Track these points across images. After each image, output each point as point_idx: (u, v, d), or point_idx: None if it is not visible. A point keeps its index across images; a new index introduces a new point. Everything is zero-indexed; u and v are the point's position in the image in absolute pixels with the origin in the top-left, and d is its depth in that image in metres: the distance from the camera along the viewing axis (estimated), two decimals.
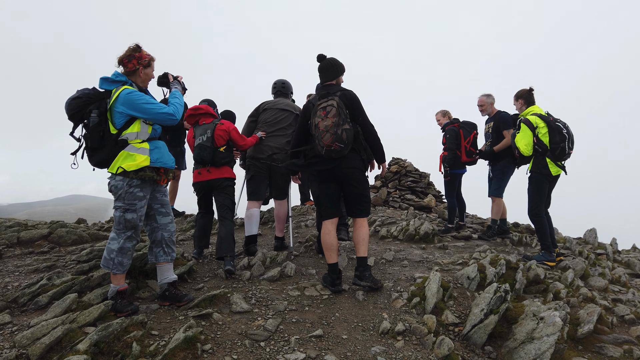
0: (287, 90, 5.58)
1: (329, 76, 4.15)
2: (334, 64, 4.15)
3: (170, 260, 3.51)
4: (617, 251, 7.61)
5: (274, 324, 3.26)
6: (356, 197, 4.06)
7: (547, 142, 5.08)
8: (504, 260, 4.41)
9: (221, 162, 4.68)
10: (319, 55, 4.18)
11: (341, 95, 3.96)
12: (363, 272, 4.10)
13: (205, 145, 4.60)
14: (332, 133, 3.76)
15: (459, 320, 3.52)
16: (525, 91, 5.46)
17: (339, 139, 3.77)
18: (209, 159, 4.63)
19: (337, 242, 4.11)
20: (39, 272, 4.04)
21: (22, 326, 2.97)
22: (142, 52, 3.35)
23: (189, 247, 5.51)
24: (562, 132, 5.05)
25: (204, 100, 5.62)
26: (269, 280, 4.25)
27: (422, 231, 6.35)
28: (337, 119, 3.79)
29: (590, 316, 3.67)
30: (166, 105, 3.36)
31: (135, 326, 2.93)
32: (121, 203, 3.23)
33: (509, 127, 6.15)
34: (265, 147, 5.16)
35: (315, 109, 3.98)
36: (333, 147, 3.78)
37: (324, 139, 3.79)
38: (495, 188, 6.40)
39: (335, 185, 4.11)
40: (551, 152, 5.09)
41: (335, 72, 4.15)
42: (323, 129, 3.80)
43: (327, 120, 3.80)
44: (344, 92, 4.02)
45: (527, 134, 5.14)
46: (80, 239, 5.37)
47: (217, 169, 4.70)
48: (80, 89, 3.24)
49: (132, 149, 3.22)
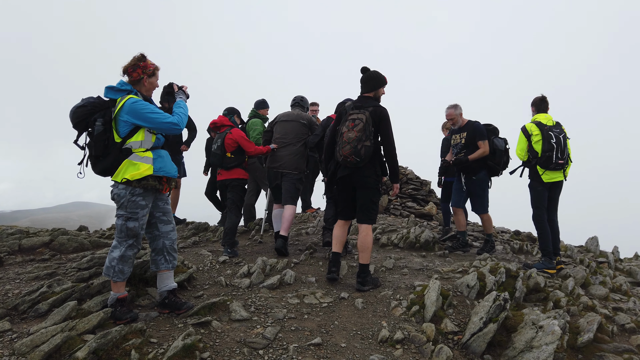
0: (304, 104, 6.16)
1: (368, 88, 4.39)
2: (374, 76, 4.39)
3: (172, 268, 3.53)
4: (618, 259, 7.58)
5: (273, 332, 3.26)
6: (365, 203, 4.31)
7: (539, 150, 5.28)
8: (504, 268, 4.40)
9: (228, 166, 5.50)
10: (363, 67, 4.44)
11: (372, 111, 4.18)
12: (365, 278, 4.33)
13: (216, 152, 5.51)
14: (352, 146, 4.06)
15: (458, 328, 3.51)
16: (538, 99, 5.57)
17: (357, 154, 4.05)
18: (219, 163, 5.55)
19: (345, 236, 4.52)
20: (39, 280, 4.05)
21: (21, 333, 2.97)
22: (146, 62, 3.40)
23: (189, 254, 5.53)
24: (550, 141, 5.21)
25: (226, 109, 6.05)
26: (269, 288, 4.26)
27: (422, 239, 6.34)
28: (361, 134, 4.05)
29: (591, 325, 3.66)
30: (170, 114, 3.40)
31: (134, 334, 2.94)
32: (123, 211, 3.25)
33: (484, 138, 5.94)
34: (278, 157, 5.72)
35: (346, 117, 4.25)
36: (349, 159, 4.09)
37: (344, 149, 4.10)
38: (480, 204, 6.13)
39: (350, 192, 4.42)
40: (540, 159, 5.28)
41: (374, 84, 4.37)
42: (346, 139, 4.11)
43: (352, 132, 4.09)
44: (376, 108, 4.23)
45: (522, 140, 5.41)
46: (81, 247, 5.39)
47: (227, 171, 5.57)
48: (85, 97, 3.28)
49: (135, 157, 3.25)
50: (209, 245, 6.37)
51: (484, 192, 6.07)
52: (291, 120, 5.82)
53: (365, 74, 4.42)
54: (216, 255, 5.45)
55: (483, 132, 5.98)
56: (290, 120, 5.81)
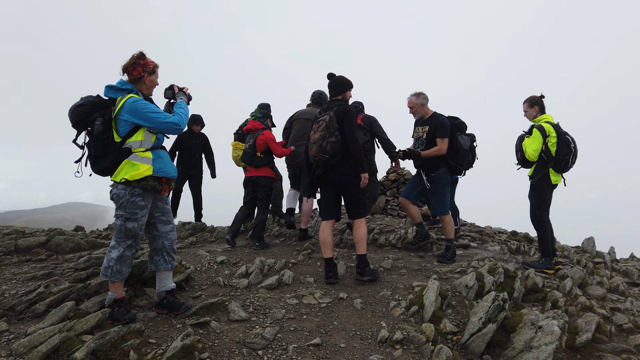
0: (322, 100, 6.56)
1: (335, 92, 4.62)
2: (340, 80, 4.59)
3: (171, 268, 3.51)
4: (615, 260, 7.62)
5: (272, 332, 3.25)
6: (351, 200, 4.54)
7: (553, 152, 5.14)
8: (502, 268, 4.41)
9: (258, 164, 6.04)
10: (329, 74, 4.63)
11: (336, 110, 4.39)
12: (364, 269, 4.54)
13: (247, 151, 5.98)
14: (317, 145, 4.28)
15: (457, 328, 3.52)
16: (539, 98, 5.41)
17: (323, 151, 4.25)
18: (249, 162, 6.03)
19: (332, 239, 4.57)
20: (36, 280, 4.02)
21: (19, 334, 2.95)
22: (146, 60, 3.38)
23: (187, 255, 5.51)
24: (570, 145, 5.14)
25: (260, 104, 6.72)
26: (267, 288, 4.25)
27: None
28: (324, 133, 4.26)
29: (589, 325, 3.67)
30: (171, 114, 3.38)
31: (132, 334, 2.92)
32: (122, 212, 3.22)
33: (444, 136, 5.31)
34: (297, 154, 6.22)
35: (314, 121, 4.49)
36: (317, 158, 4.30)
37: (311, 150, 4.34)
38: (439, 204, 5.49)
39: (333, 191, 4.61)
40: (556, 162, 5.16)
41: (340, 88, 4.60)
42: (312, 141, 4.34)
43: (317, 133, 4.32)
44: (340, 106, 4.43)
45: (538, 140, 5.14)
46: (78, 247, 5.35)
47: (256, 170, 6.10)
48: (84, 96, 3.25)
49: (135, 157, 3.22)
50: (206, 246, 6.36)
51: (443, 190, 5.42)
52: (309, 118, 6.18)
53: (332, 79, 4.62)
54: (214, 256, 5.44)
55: (444, 129, 5.33)
56: (309, 119, 6.20)
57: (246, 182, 6.31)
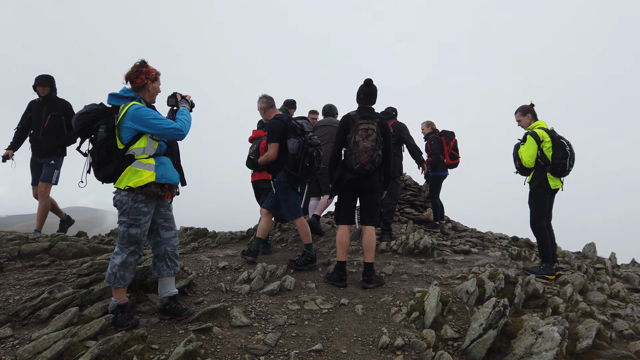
0: (333, 112, 7.40)
1: (371, 101, 4.71)
2: (376, 91, 4.73)
3: (174, 274, 3.54)
4: (616, 265, 7.62)
5: (274, 338, 3.28)
6: (371, 206, 4.66)
7: (549, 157, 5.23)
8: (503, 274, 4.43)
9: (260, 168, 5.97)
10: (368, 79, 4.66)
11: (379, 122, 4.54)
12: (370, 277, 4.63)
13: (250, 157, 5.98)
14: (369, 155, 4.32)
15: (458, 334, 3.53)
16: (530, 106, 5.56)
17: (373, 162, 4.35)
18: (251, 165, 6.12)
19: (349, 242, 4.74)
20: (40, 286, 4.04)
21: (23, 340, 2.98)
22: (148, 67, 3.43)
23: (188, 260, 5.53)
24: (565, 149, 5.21)
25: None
26: (269, 294, 4.27)
27: (421, 245, 6.36)
28: (375, 144, 4.35)
29: (589, 331, 3.68)
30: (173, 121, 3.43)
31: (135, 340, 2.95)
32: (125, 218, 3.26)
33: (272, 141, 5.04)
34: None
35: (355, 126, 4.45)
36: (366, 167, 4.35)
37: (361, 158, 4.33)
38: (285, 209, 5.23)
39: (354, 196, 4.74)
40: (553, 167, 5.24)
41: (375, 98, 4.73)
42: (362, 148, 4.33)
43: (367, 141, 4.34)
44: (382, 120, 4.59)
45: (533, 147, 5.26)
46: (81, 252, 5.38)
47: (259, 173, 6.33)
48: (88, 104, 3.31)
49: (138, 164, 3.26)
50: (208, 251, 6.38)
51: (284, 195, 5.14)
52: (327, 125, 7.07)
53: (371, 87, 4.67)
54: (216, 261, 5.46)
55: (270, 134, 5.06)
56: (326, 125, 7.06)
57: (252, 186, 6.65)
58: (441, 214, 8.40)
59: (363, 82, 4.68)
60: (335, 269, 4.73)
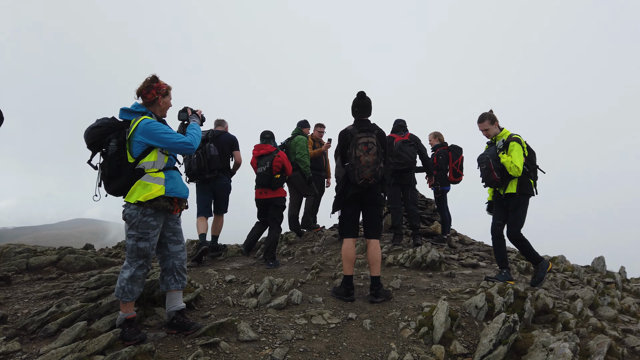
0: None
1: (367, 113, 4.68)
2: (370, 103, 4.69)
3: (181, 288, 3.54)
4: (626, 280, 7.51)
5: (282, 353, 3.25)
6: (374, 219, 4.64)
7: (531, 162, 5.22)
8: (512, 289, 4.38)
9: (276, 186, 6.18)
10: (361, 92, 4.63)
11: (378, 134, 4.51)
12: (378, 290, 4.56)
13: (265, 174, 6.12)
14: (372, 169, 4.30)
15: (467, 350, 3.49)
16: (492, 114, 5.31)
17: (376, 175, 4.33)
18: (267, 184, 6.15)
19: (355, 255, 4.65)
20: (48, 299, 4.06)
21: (31, 354, 2.98)
22: (159, 82, 3.49)
23: (195, 274, 5.53)
24: (535, 154, 5.26)
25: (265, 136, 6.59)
26: (276, 308, 4.25)
27: (429, 259, 6.32)
28: (377, 157, 4.32)
29: (601, 347, 3.63)
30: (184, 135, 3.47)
31: (143, 355, 2.94)
32: (134, 232, 3.28)
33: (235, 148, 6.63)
34: None
35: (354, 140, 4.41)
36: (370, 182, 4.33)
37: (364, 173, 4.30)
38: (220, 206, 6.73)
39: (358, 209, 4.68)
40: (534, 172, 5.24)
41: (370, 110, 4.69)
42: (364, 163, 4.30)
43: (368, 156, 4.31)
44: (379, 131, 4.57)
45: (521, 153, 5.02)
46: (88, 265, 5.40)
47: (273, 191, 6.23)
48: (100, 118, 3.36)
49: (148, 178, 3.29)
50: (215, 265, 6.37)
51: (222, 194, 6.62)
52: None
53: (364, 100, 4.64)
54: (223, 275, 5.45)
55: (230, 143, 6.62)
56: None
57: (261, 203, 6.45)
58: (447, 228, 8.44)
59: (356, 95, 4.65)
60: (342, 283, 4.70)
